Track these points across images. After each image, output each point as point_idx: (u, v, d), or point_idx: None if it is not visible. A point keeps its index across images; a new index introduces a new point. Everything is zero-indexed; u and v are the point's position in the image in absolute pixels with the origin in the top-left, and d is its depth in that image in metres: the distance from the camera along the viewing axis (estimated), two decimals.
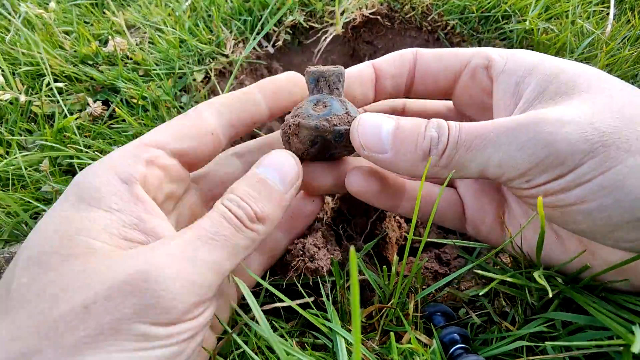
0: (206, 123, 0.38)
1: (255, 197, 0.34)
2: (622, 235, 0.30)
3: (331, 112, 0.37)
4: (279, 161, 0.37)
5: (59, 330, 0.25)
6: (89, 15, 0.97)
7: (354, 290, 0.12)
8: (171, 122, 0.38)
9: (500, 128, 0.31)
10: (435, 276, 0.71)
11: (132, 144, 0.35)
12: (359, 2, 0.92)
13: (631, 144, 0.28)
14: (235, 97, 0.40)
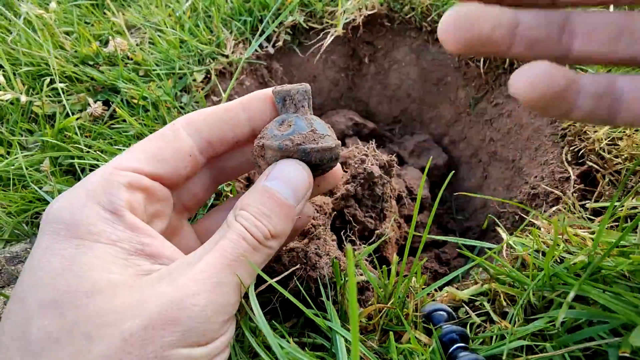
0: (184, 144, 0.36)
1: (268, 215, 0.33)
2: None
3: (295, 131, 0.37)
4: (289, 174, 0.35)
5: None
6: (89, 16, 0.97)
7: (351, 288, 0.13)
8: (147, 142, 0.36)
9: None
10: (435, 276, 0.71)
11: (106, 170, 0.33)
12: (359, 3, 0.92)
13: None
14: (217, 114, 0.38)
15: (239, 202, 0.35)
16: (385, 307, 0.41)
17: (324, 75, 1.03)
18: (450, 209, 0.91)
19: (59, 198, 0.32)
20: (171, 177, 0.36)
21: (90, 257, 0.29)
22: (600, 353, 0.35)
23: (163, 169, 0.35)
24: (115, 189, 0.31)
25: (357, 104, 1.09)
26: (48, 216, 0.31)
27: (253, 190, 0.35)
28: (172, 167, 0.36)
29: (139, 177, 0.33)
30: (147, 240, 0.31)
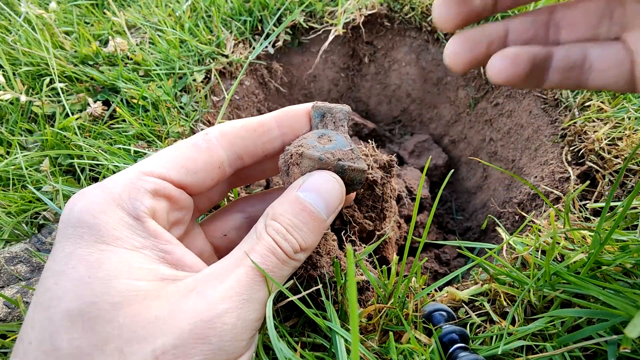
0: (216, 157, 0.35)
1: (300, 228, 0.33)
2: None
3: (336, 146, 0.37)
4: (324, 186, 0.34)
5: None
6: (89, 16, 0.97)
7: (351, 288, 0.12)
8: (178, 150, 0.35)
9: None
10: (435, 276, 0.71)
11: (132, 174, 0.32)
12: (359, 3, 0.92)
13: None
14: (251, 129, 0.37)
15: (270, 210, 0.34)
16: (385, 307, 0.41)
17: (324, 75, 1.03)
18: (450, 209, 0.91)
19: (79, 199, 0.30)
20: (197, 188, 0.35)
21: (116, 262, 0.28)
22: (600, 353, 0.35)
23: (191, 180, 0.34)
24: (140, 194, 0.31)
25: (357, 104, 1.09)
26: (70, 218, 0.29)
27: (285, 199, 0.34)
28: (200, 178, 0.35)
29: (165, 185, 0.33)
30: (169, 248, 0.31)
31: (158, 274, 0.29)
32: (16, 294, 0.49)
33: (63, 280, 0.27)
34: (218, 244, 0.42)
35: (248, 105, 0.92)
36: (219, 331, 0.27)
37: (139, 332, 0.26)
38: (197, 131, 0.74)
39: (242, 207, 0.43)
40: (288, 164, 0.38)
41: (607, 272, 0.38)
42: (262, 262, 0.31)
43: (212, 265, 0.31)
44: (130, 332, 0.26)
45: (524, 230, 0.59)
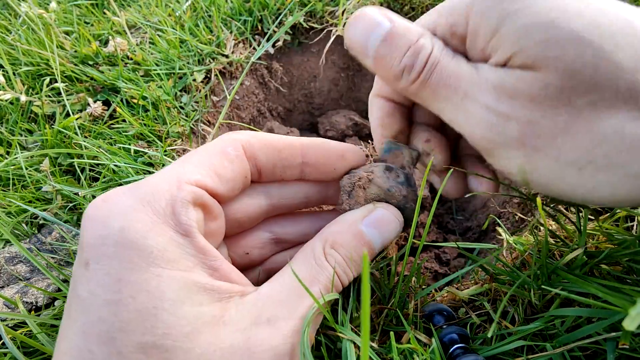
0: (244, 166, 0.35)
1: (357, 262, 0.33)
2: None
3: (405, 183, 0.38)
4: (387, 226, 0.35)
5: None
6: (89, 16, 0.97)
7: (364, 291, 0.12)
8: (208, 156, 0.33)
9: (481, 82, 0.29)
10: (435, 276, 0.71)
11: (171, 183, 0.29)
12: (359, 2, 0.92)
13: None
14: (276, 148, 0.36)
15: (330, 236, 0.33)
16: (385, 307, 0.41)
17: (324, 75, 1.03)
18: (450, 209, 0.91)
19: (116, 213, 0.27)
20: (226, 196, 0.34)
21: (176, 289, 0.26)
22: (600, 352, 0.35)
23: (223, 187, 0.33)
24: (184, 207, 0.29)
25: (357, 104, 1.09)
26: (110, 235, 0.26)
27: (348, 229, 0.34)
28: (230, 186, 0.34)
29: (202, 193, 0.31)
30: (217, 264, 0.30)
31: (215, 295, 0.28)
32: (16, 294, 0.49)
33: (123, 312, 0.25)
34: (238, 261, 0.40)
35: (248, 105, 0.92)
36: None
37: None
38: (198, 131, 0.74)
39: (270, 226, 0.42)
40: (354, 185, 0.38)
41: (607, 270, 0.38)
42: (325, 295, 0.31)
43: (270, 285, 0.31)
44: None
45: (524, 230, 0.59)
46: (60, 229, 0.56)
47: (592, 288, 0.33)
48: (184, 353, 0.25)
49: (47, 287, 0.50)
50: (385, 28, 0.32)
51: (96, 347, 0.25)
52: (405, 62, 0.32)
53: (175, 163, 0.32)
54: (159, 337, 0.25)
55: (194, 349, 0.25)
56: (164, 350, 0.25)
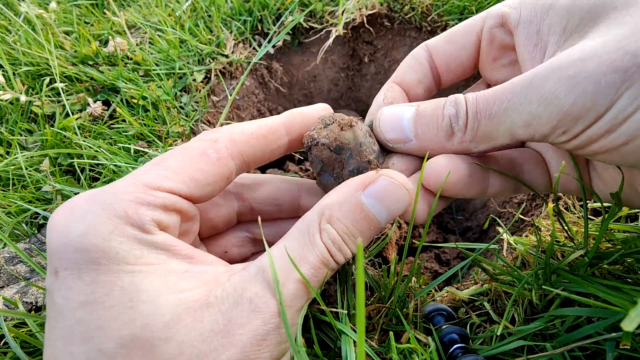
0: (226, 169, 0.33)
1: (357, 235, 0.31)
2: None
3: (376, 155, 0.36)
4: (392, 196, 0.31)
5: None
6: (89, 16, 0.97)
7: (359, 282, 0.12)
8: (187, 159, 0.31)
9: (515, 87, 0.29)
10: (435, 276, 0.71)
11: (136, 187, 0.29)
12: (359, 3, 0.92)
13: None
14: (262, 136, 0.35)
15: (326, 209, 0.31)
16: (384, 307, 0.41)
17: (324, 75, 1.03)
18: (451, 208, 0.91)
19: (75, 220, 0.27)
20: (203, 198, 0.33)
21: (152, 280, 0.26)
22: (600, 352, 0.35)
23: (200, 192, 0.32)
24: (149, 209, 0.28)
25: (357, 104, 1.09)
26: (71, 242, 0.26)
27: (346, 200, 0.31)
28: (209, 189, 0.32)
29: (175, 199, 0.30)
30: (191, 252, 0.30)
31: (199, 279, 0.28)
32: (16, 294, 0.49)
33: (99, 310, 0.25)
34: None
35: (248, 105, 0.92)
36: (273, 342, 0.28)
37: (199, 347, 0.26)
38: (198, 131, 0.74)
39: (247, 226, 0.42)
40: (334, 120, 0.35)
41: (608, 269, 0.38)
42: (314, 274, 0.29)
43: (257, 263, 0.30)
44: (192, 349, 0.25)
45: (524, 230, 0.59)
46: None
47: (592, 288, 0.33)
48: (164, 343, 0.25)
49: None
50: (411, 109, 0.34)
51: (76, 347, 0.25)
52: (449, 113, 0.32)
53: (149, 164, 0.31)
54: (137, 329, 0.25)
55: (175, 337, 0.25)
56: (143, 341, 0.25)
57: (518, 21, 0.35)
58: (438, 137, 0.33)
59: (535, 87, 0.28)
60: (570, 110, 0.27)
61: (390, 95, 0.39)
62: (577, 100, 0.26)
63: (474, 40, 0.38)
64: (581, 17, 0.30)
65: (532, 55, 0.34)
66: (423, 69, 0.40)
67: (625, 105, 0.25)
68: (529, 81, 0.28)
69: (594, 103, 0.26)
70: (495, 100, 0.30)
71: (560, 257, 0.44)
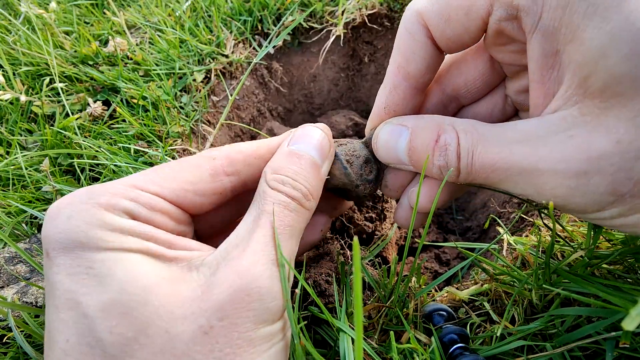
0: (219, 185, 0.34)
1: (304, 176, 0.34)
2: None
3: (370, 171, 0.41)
4: (312, 136, 0.36)
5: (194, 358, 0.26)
6: (89, 16, 0.97)
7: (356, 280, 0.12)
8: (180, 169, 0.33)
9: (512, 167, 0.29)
10: (435, 276, 0.71)
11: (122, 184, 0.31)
12: (359, 3, 0.92)
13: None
14: (260, 156, 0.36)
15: (268, 168, 0.34)
16: (384, 306, 0.41)
17: (324, 75, 1.03)
18: (451, 208, 0.91)
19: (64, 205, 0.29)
20: (194, 210, 0.34)
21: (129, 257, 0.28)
22: (600, 352, 0.35)
23: (189, 203, 0.33)
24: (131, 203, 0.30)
25: (357, 104, 1.09)
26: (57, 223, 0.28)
27: (279, 155, 0.35)
28: (199, 202, 0.34)
29: (159, 201, 0.31)
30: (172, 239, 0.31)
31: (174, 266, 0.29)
32: (15, 294, 0.49)
33: (82, 281, 0.27)
34: None
35: (248, 105, 0.92)
36: (257, 296, 0.28)
37: (177, 311, 0.26)
38: (198, 131, 0.74)
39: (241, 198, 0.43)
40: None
41: (608, 269, 0.38)
42: (278, 217, 0.31)
43: (226, 240, 0.31)
44: (169, 313, 0.26)
45: (524, 230, 0.59)
46: None
47: (592, 288, 0.33)
48: (140, 306, 0.26)
49: None
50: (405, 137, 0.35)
51: (65, 314, 0.27)
52: (439, 164, 0.33)
53: (146, 170, 0.33)
54: (115, 293, 0.26)
55: (152, 301, 0.26)
56: (120, 304, 0.26)
57: (536, 27, 0.28)
58: (431, 174, 0.35)
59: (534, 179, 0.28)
60: (565, 207, 0.28)
61: (392, 102, 0.38)
62: (575, 200, 0.27)
63: (478, 24, 0.31)
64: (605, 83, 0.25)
65: (544, 78, 0.29)
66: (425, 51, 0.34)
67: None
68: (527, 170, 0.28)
69: (585, 211, 0.28)
70: (492, 170, 0.30)
71: (560, 257, 0.44)
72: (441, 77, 0.39)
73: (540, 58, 0.29)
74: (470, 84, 0.39)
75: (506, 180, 0.30)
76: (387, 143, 0.37)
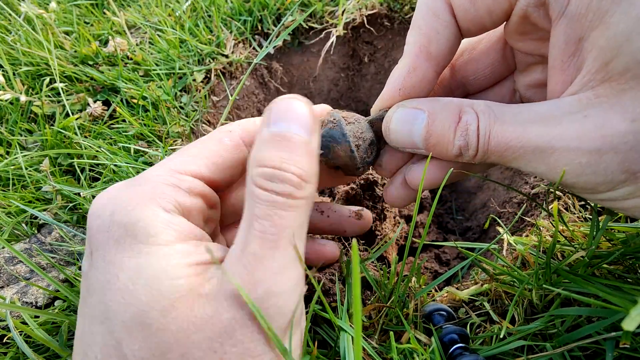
0: (242, 154, 0.35)
1: (290, 158, 0.29)
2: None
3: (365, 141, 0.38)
4: (294, 110, 0.31)
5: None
6: (89, 16, 0.97)
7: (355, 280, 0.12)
8: (206, 147, 0.34)
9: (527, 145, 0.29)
10: (435, 276, 0.71)
11: (164, 171, 0.31)
12: (359, 3, 0.92)
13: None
14: None
15: (250, 160, 0.30)
16: (384, 306, 0.41)
17: (324, 75, 1.03)
18: (451, 208, 0.91)
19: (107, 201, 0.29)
20: (224, 184, 0.35)
21: (154, 265, 0.27)
22: (600, 352, 0.35)
23: (221, 176, 0.34)
24: (174, 191, 0.30)
25: (357, 104, 1.10)
26: (102, 222, 0.28)
27: (260, 141, 0.30)
28: (228, 175, 0.35)
29: (199, 183, 0.32)
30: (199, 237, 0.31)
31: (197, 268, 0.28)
32: (15, 294, 0.49)
33: (110, 291, 0.27)
34: None
35: (248, 105, 0.92)
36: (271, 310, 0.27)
37: (193, 337, 0.26)
38: (198, 131, 0.74)
39: None
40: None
41: (608, 269, 0.38)
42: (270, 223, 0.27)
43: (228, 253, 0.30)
44: (186, 338, 0.26)
45: (524, 230, 0.59)
46: (61, 230, 0.56)
47: (592, 288, 0.33)
48: (159, 330, 0.26)
49: (47, 287, 0.50)
50: (422, 120, 0.33)
51: (95, 327, 0.27)
52: (459, 144, 0.32)
53: (173, 155, 0.34)
54: (137, 315, 0.26)
55: (169, 326, 0.26)
56: (141, 327, 0.26)
57: (562, 13, 0.28)
58: (447, 156, 0.34)
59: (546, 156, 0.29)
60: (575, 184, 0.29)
61: (410, 84, 0.35)
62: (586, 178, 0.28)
63: (504, 8, 0.32)
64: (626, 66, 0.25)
65: (565, 65, 0.30)
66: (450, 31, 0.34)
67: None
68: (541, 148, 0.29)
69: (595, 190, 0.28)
70: (506, 148, 0.30)
71: (560, 257, 0.44)
72: (451, 62, 0.39)
73: (563, 44, 0.29)
74: (480, 72, 0.39)
75: (519, 158, 0.30)
76: (402, 128, 0.35)
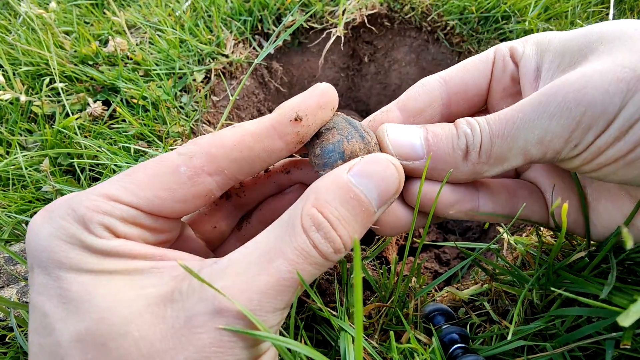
0: (201, 187, 0.30)
1: (347, 219, 0.27)
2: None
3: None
4: (380, 173, 0.29)
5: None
6: (89, 16, 0.97)
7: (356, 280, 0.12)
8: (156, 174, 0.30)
9: (525, 107, 0.30)
10: (435, 276, 0.71)
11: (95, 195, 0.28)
12: (359, 3, 0.92)
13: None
14: (246, 147, 0.31)
15: (312, 193, 0.28)
16: (384, 306, 0.41)
17: (324, 75, 1.03)
18: None
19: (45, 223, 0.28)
20: (175, 214, 0.31)
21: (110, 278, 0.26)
22: (600, 353, 0.35)
23: (168, 209, 0.30)
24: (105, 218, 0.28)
25: (357, 104, 1.10)
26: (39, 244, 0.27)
27: (332, 182, 0.28)
28: (179, 207, 0.30)
29: (134, 213, 0.29)
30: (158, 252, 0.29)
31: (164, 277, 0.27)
32: (16, 294, 0.49)
33: (60, 304, 0.26)
34: (209, 237, 0.39)
35: (248, 105, 0.92)
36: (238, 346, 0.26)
37: (157, 344, 0.25)
38: (198, 131, 0.74)
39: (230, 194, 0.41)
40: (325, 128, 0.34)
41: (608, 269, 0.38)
42: (291, 270, 0.26)
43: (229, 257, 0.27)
44: (149, 346, 0.24)
45: (524, 230, 0.59)
46: None
47: (593, 288, 0.33)
48: (120, 337, 0.24)
49: None
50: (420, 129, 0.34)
51: (42, 339, 0.26)
52: (465, 132, 0.32)
53: (121, 174, 0.30)
54: (93, 323, 0.25)
55: (131, 332, 0.24)
56: (98, 336, 0.24)
57: (522, 55, 0.37)
58: (454, 156, 0.32)
59: (545, 104, 0.29)
60: (581, 120, 0.28)
61: (386, 118, 0.38)
62: (588, 109, 0.28)
63: (489, 67, 0.39)
64: (572, 55, 0.32)
65: (533, 86, 0.36)
66: (429, 97, 0.38)
67: (631, 112, 0.27)
68: (537, 100, 0.30)
69: (604, 110, 0.27)
70: (507, 121, 0.31)
71: (561, 257, 0.44)
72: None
73: (527, 73, 0.36)
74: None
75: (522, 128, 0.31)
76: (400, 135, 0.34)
